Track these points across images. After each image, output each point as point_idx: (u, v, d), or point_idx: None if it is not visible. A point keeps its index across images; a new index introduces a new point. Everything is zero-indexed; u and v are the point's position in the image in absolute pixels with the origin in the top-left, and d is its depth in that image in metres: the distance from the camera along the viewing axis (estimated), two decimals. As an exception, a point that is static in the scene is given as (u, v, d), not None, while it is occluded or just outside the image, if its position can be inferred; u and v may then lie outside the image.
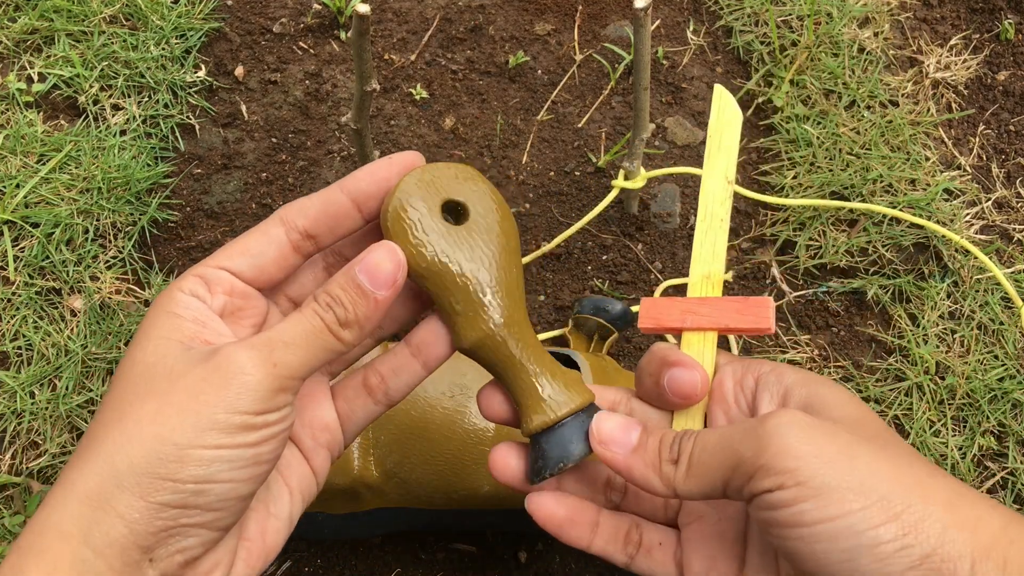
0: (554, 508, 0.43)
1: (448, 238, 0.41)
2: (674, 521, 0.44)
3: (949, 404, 0.78)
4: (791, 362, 0.81)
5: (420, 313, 0.45)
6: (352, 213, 0.41)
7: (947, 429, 0.77)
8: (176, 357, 0.38)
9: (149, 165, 0.90)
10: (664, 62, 0.98)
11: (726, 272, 0.86)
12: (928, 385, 0.79)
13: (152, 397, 0.37)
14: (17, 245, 0.84)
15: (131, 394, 0.37)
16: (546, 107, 0.96)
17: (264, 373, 0.37)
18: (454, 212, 0.43)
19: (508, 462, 0.43)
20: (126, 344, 0.81)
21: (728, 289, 0.85)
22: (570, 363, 0.69)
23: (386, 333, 0.45)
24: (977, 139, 0.93)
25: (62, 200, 0.86)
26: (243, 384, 0.36)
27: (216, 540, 0.38)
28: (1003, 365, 0.80)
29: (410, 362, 0.44)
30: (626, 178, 0.83)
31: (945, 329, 0.82)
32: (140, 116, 0.92)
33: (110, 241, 0.86)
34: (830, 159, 0.90)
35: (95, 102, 0.93)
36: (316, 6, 1.01)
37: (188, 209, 0.89)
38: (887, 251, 0.85)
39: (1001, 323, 0.82)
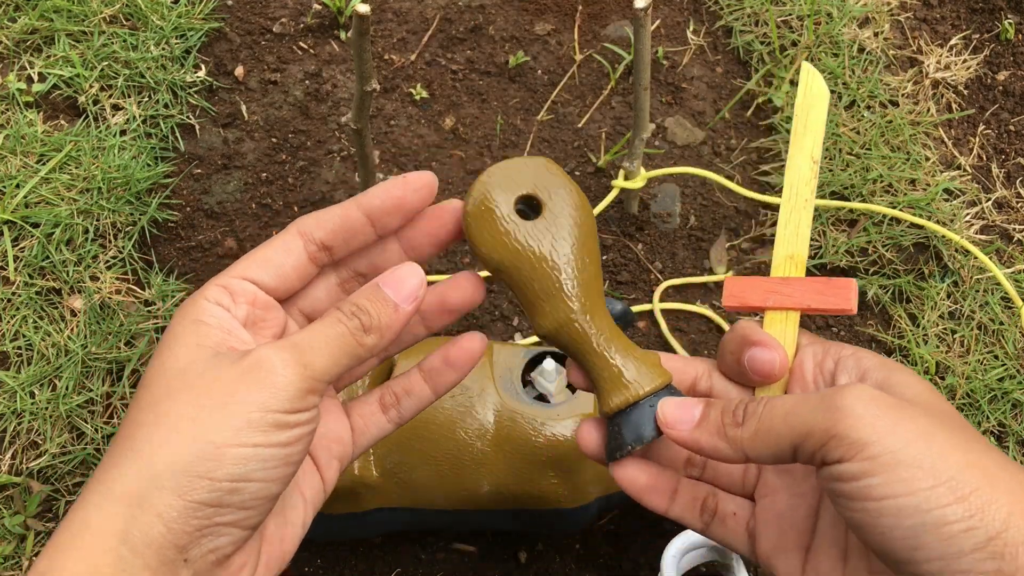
0: (636, 475, 0.46)
1: (527, 229, 0.44)
2: (751, 494, 0.46)
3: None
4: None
5: (423, 337, 0.47)
6: (367, 228, 0.44)
7: (947, 429, 0.77)
8: (207, 361, 0.39)
9: (149, 165, 0.90)
10: (664, 62, 0.98)
11: (727, 271, 0.86)
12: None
13: (187, 399, 0.38)
14: (17, 245, 0.84)
15: (165, 397, 0.38)
16: (546, 107, 0.96)
17: (295, 374, 0.38)
18: (533, 205, 0.45)
19: (592, 436, 0.46)
20: (126, 344, 0.81)
21: (728, 289, 0.85)
22: None
23: (393, 352, 0.47)
24: (977, 139, 0.93)
25: (62, 200, 0.86)
26: (276, 384, 0.38)
27: (245, 539, 0.39)
28: (1003, 365, 0.80)
29: (421, 386, 0.46)
30: (626, 178, 0.83)
31: (945, 329, 0.82)
32: (140, 116, 0.92)
33: (110, 241, 0.86)
34: (830, 159, 0.90)
35: (95, 102, 0.93)
36: (316, 6, 1.01)
37: (188, 209, 0.89)
38: (887, 251, 0.85)
39: (1001, 323, 0.82)
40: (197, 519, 0.37)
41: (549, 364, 0.68)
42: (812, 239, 0.86)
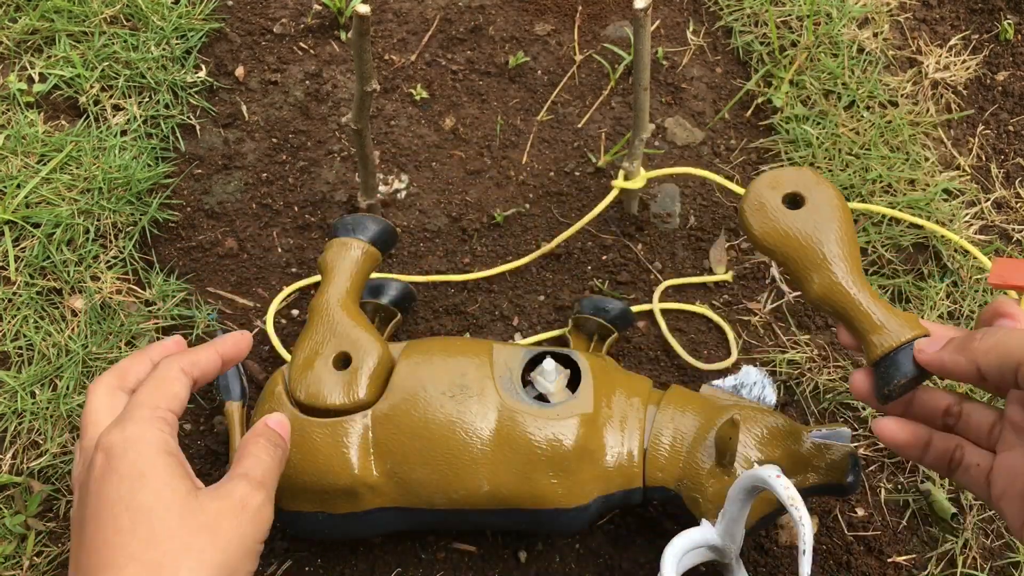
0: (896, 431, 0.55)
1: (793, 216, 0.57)
2: (993, 448, 0.53)
3: (948, 404, 0.78)
4: (790, 362, 0.81)
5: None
6: (219, 363, 0.60)
7: (946, 429, 0.77)
8: (188, 501, 0.49)
9: (150, 165, 0.90)
10: (664, 62, 0.98)
11: (726, 272, 0.86)
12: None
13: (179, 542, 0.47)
14: (18, 245, 0.85)
15: (147, 540, 0.47)
16: (546, 107, 0.96)
17: (269, 511, 0.54)
18: (797, 200, 0.58)
19: (863, 382, 0.56)
20: (127, 344, 0.81)
21: (727, 289, 0.86)
22: (570, 363, 0.69)
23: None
24: (976, 139, 0.93)
25: (63, 200, 0.86)
26: (263, 520, 0.52)
27: None
28: (1002, 365, 0.80)
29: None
30: (626, 178, 0.83)
31: (944, 329, 0.82)
32: (141, 116, 0.93)
33: (111, 241, 0.86)
34: (829, 159, 0.90)
35: (96, 102, 0.93)
36: (316, 7, 1.01)
37: (189, 209, 0.90)
38: (886, 251, 0.85)
39: (1000, 323, 0.82)
40: None
41: (549, 364, 0.68)
42: (812, 239, 0.86)
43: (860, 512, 0.75)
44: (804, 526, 0.55)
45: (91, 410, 0.55)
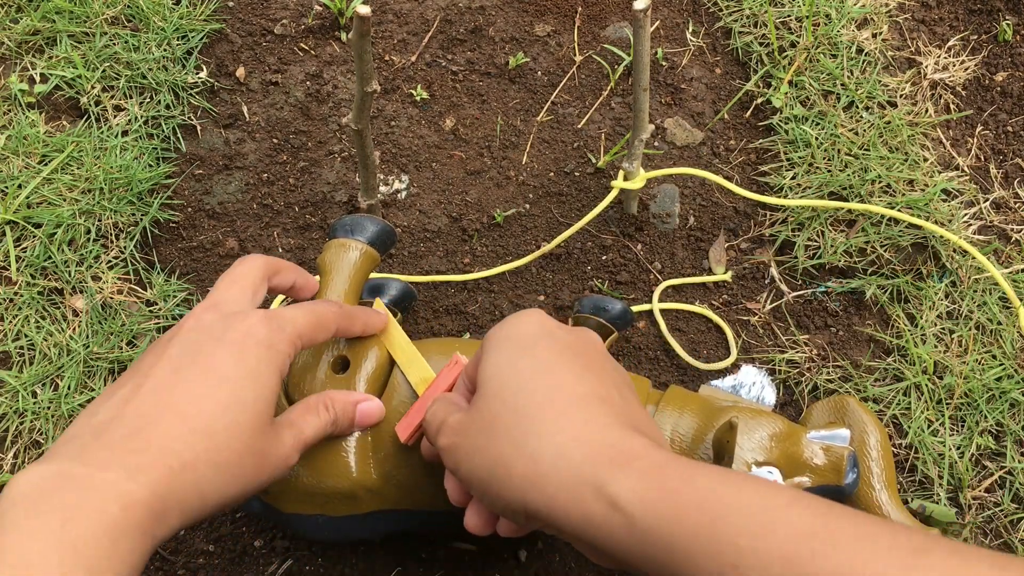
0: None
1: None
2: None
3: (947, 404, 0.79)
4: (790, 362, 0.81)
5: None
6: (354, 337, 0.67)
7: (945, 428, 0.77)
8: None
9: (151, 166, 0.90)
10: (663, 63, 0.98)
11: (725, 272, 0.86)
12: (926, 385, 0.79)
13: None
14: (19, 245, 0.85)
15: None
16: (546, 108, 0.96)
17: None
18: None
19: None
20: (128, 344, 0.81)
21: (727, 289, 0.86)
22: None
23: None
24: (975, 140, 0.94)
25: (64, 201, 0.87)
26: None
27: None
28: (1001, 365, 0.80)
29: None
30: (625, 179, 0.83)
31: (943, 329, 0.82)
32: (142, 117, 0.93)
33: (112, 241, 0.86)
34: (829, 160, 0.90)
35: (97, 103, 0.93)
36: (317, 7, 1.01)
37: (190, 209, 0.90)
38: (885, 251, 0.85)
39: (999, 323, 0.82)
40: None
41: None
42: (811, 240, 0.86)
43: (859, 511, 0.75)
44: None
45: (236, 278, 0.57)
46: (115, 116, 0.93)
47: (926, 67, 0.96)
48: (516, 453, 0.46)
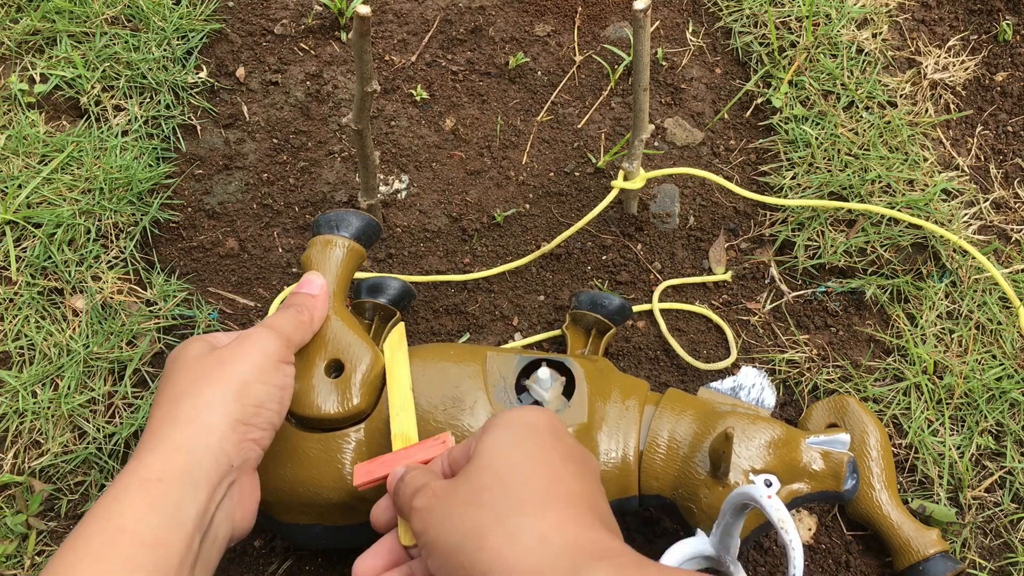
0: None
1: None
2: None
3: (947, 404, 0.79)
4: (790, 362, 0.81)
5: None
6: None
7: (945, 428, 0.77)
8: (206, 351, 0.61)
9: (151, 166, 0.90)
10: (663, 63, 0.98)
11: (725, 272, 0.86)
12: (926, 385, 0.79)
13: (211, 367, 0.59)
14: (19, 245, 0.85)
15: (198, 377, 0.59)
16: (546, 108, 0.96)
17: (276, 337, 0.60)
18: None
19: None
20: (128, 344, 0.81)
21: (727, 289, 0.86)
22: (564, 370, 0.68)
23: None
24: (975, 140, 0.94)
25: (64, 200, 0.87)
26: (268, 343, 0.60)
27: (259, 458, 0.58)
28: (1001, 365, 0.80)
29: None
30: (625, 179, 0.83)
31: (943, 329, 0.82)
32: (142, 117, 0.93)
33: (112, 241, 0.86)
34: (829, 160, 0.90)
35: (97, 103, 0.93)
36: (317, 7, 1.01)
37: (190, 209, 0.90)
38: (885, 251, 0.85)
39: (999, 323, 0.82)
40: (237, 433, 0.55)
41: (544, 372, 0.67)
42: (811, 240, 0.86)
43: (859, 511, 0.75)
44: (795, 550, 0.54)
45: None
46: (115, 116, 0.93)
47: (926, 67, 0.96)
48: (494, 525, 0.47)
